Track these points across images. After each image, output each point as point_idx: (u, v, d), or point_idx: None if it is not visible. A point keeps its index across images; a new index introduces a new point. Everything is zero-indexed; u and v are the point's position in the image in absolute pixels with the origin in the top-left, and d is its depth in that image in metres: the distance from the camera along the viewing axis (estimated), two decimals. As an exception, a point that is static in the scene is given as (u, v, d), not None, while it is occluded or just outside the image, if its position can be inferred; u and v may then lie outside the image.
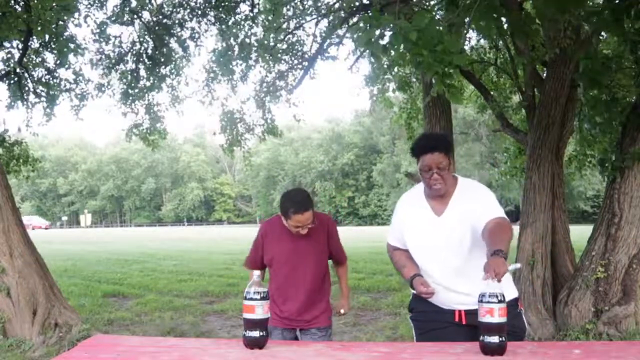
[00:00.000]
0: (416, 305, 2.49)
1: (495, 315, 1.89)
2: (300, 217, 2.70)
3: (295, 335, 2.85)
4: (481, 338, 1.91)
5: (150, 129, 9.63)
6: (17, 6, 6.29)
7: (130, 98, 9.15)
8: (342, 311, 3.05)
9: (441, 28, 3.23)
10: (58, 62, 8.17)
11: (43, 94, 8.39)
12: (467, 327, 2.24)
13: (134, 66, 8.95)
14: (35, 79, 8.36)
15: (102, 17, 8.38)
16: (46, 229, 47.28)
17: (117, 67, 8.87)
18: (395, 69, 8.59)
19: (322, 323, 2.87)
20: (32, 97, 8.48)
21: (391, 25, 3.07)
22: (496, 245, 2.04)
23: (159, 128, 9.76)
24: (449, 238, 2.32)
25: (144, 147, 10.33)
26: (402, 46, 3.02)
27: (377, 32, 3.05)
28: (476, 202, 2.32)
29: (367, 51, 9.42)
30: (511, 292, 2.37)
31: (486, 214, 2.24)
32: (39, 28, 6.25)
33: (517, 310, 2.35)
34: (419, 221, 2.40)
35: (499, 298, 1.91)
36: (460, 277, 2.26)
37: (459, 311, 2.29)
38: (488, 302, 1.91)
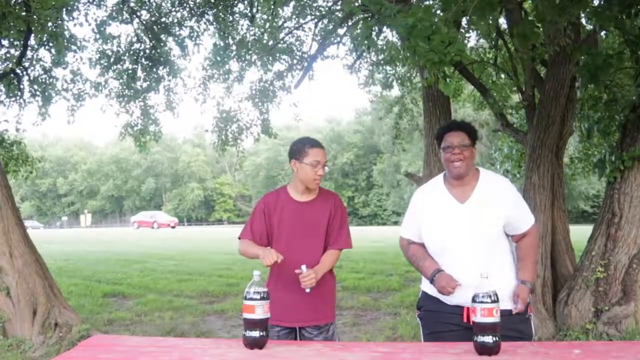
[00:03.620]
0: (425, 304, 2.47)
1: (488, 315, 1.90)
2: (319, 151, 2.64)
3: (294, 337, 2.68)
4: (475, 338, 1.92)
5: (142, 130, 9.51)
6: (17, 6, 6.28)
7: (126, 98, 9.09)
8: (303, 269, 2.53)
9: (437, 20, 3.23)
10: (55, 61, 8.15)
11: (38, 93, 8.36)
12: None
13: (131, 66, 8.91)
14: (31, 78, 8.34)
15: (102, 14, 8.37)
16: (174, 227, 40.98)
17: (114, 66, 8.83)
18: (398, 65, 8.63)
19: (323, 319, 2.68)
20: (26, 96, 8.45)
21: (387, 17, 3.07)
22: (525, 274, 2.36)
23: (153, 130, 9.61)
24: (473, 224, 2.30)
25: (148, 146, 10.21)
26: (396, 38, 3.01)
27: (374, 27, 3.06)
28: (503, 196, 2.35)
29: (366, 51, 9.47)
30: None
31: (519, 219, 2.38)
32: (40, 28, 6.24)
33: (525, 315, 2.35)
34: (441, 209, 2.37)
35: (492, 298, 1.91)
36: (479, 270, 2.11)
37: (467, 308, 2.20)
38: (482, 302, 1.92)
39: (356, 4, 7.25)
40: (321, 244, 2.69)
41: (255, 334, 2.04)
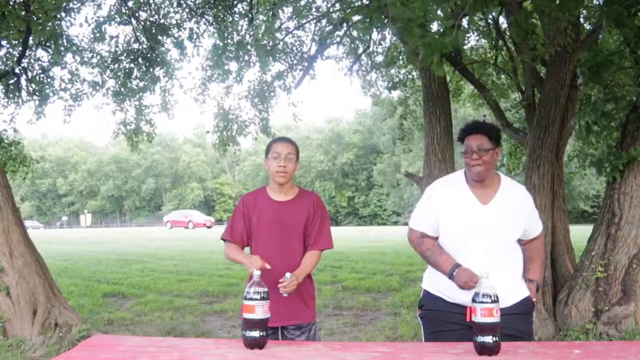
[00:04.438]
0: (426, 303, 2.45)
1: (488, 315, 1.90)
2: (278, 146, 2.63)
3: (277, 337, 2.64)
4: (475, 338, 1.92)
5: (136, 130, 9.44)
6: (16, 6, 6.28)
7: (121, 97, 9.03)
8: (287, 276, 2.47)
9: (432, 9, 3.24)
10: (52, 61, 8.13)
11: (36, 93, 8.34)
12: None
13: (127, 65, 8.88)
14: (29, 77, 8.31)
15: (99, 13, 8.32)
16: (210, 226, 38.95)
17: (112, 66, 8.79)
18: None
19: (304, 319, 2.66)
20: (24, 95, 8.42)
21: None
22: (534, 275, 2.50)
23: (146, 130, 9.53)
24: (493, 227, 2.30)
25: (143, 146, 10.18)
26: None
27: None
28: (523, 204, 2.40)
29: (365, 53, 9.45)
30: (521, 297, 2.38)
31: (533, 226, 2.47)
32: (40, 28, 6.24)
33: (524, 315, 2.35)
34: (462, 207, 2.35)
35: (492, 298, 1.92)
36: (494, 272, 2.11)
37: (470, 308, 2.18)
38: (482, 302, 1.92)
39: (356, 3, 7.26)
40: (300, 244, 2.65)
41: (255, 334, 2.04)
